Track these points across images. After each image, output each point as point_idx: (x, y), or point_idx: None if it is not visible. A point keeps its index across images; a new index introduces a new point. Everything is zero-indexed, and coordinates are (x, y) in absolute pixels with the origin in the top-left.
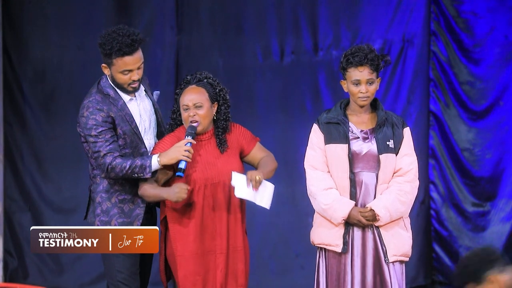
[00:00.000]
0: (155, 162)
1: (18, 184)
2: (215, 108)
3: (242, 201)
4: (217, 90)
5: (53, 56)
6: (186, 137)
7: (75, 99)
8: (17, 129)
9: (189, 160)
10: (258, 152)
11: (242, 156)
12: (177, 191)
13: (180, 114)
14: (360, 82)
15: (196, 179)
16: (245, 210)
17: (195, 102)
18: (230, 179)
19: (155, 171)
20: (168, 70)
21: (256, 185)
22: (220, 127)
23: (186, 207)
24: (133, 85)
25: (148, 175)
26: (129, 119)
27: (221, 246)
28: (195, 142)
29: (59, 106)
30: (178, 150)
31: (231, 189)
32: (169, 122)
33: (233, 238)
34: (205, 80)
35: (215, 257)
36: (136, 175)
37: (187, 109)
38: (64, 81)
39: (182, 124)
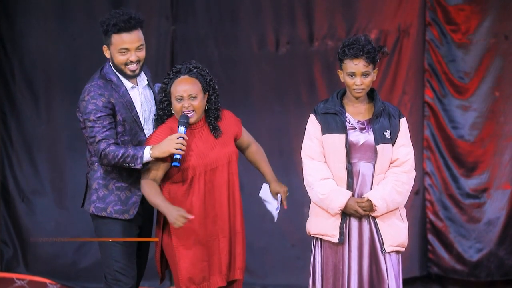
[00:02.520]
0: (147, 154)
1: (13, 174)
2: (206, 98)
3: (238, 183)
4: (208, 80)
5: (49, 46)
6: (179, 127)
7: (70, 89)
8: (11, 119)
9: (182, 153)
10: (245, 136)
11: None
12: (177, 217)
13: (168, 104)
14: (355, 74)
15: (196, 166)
16: (240, 192)
17: (190, 93)
18: (228, 162)
19: (147, 163)
20: (163, 60)
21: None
22: (212, 116)
23: (187, 195)
24: (131, 67)
25: (139, 166)
26: (130, 106)
27: (223, 230)
28: (187, 138)
29: (54, 96)
30: (170, 144)
31: (229, 172)
32: (156, 113)
33: (232, 221)
34: (195, 70)
35: (218, 241)
36: (127, 164)
37: (181, 99)
38: (59, 72)
39: (171, 114)
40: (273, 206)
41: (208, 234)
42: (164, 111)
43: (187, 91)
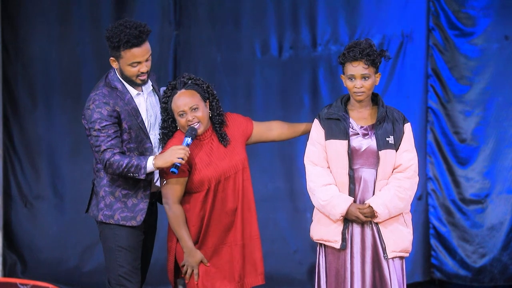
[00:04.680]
0: (150, 164)
1: (15, 179)
2: (208, 106)
3: (252, 189)
4: (205, 88)
5: (52, 52)
6: (186, 138)
7: (73, 95)
8: (14, 124)
9: (183, 162)
10: (259, 126)
11: (250, 141)
12: (190, 262)
13: (172, 121)
14: (355, 77)
15: (210, 178)
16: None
17: (191, 105)
18: (242, 169)
19: (151, 173)
20: (166, 65)
21: None
22: (217, 122)
23: (201, 206)
24: (142, 77)
25: (143, 176)
26: (135, 114)
27: (236, 238)
28: (189, 152)
29: (57, 101)
30: (173, 154)
31: (243, 179)
32: (161, 132)
33: (248, 228)
34: (190, 82)
35: (231, 249)
36: (131, 174)
37: (183, 114)
38: (62, 77)
39: (176, 130)
40: None
41: (222, 242)
42: (168, 129)
43: (187, 104)
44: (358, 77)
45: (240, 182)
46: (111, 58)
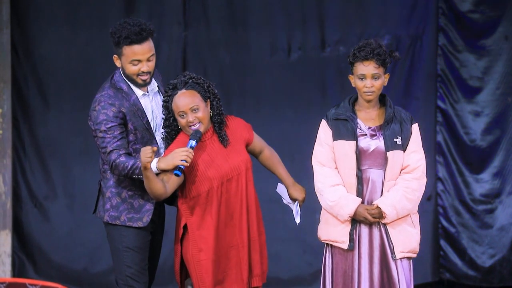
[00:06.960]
0: (153, 166)
1: (25, 180)
2: (209, 106)
3: (254, 190)
4: (206, 87)
5: (61, 52)
6: (190, 141)
7: (82, 95)
8: (24, 125)
9: (186, 164)
10: (257, 141)
11: (245, 147)
12: (179, 156)
13: (174, 120)
14: (365, 76)
15: (212, 179)
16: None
17: (191, 106)
18: (245, 170)
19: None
20: (175, 66)
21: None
22: (216, 122)
23: (205, 209)
24: (143, 77)
25: None
26: (141, 115)
27: (243, 240)
28: (193, 154)
29: (66, 102)
30: (176, 156)
31: (246, 180)
32: (163, 130)
33: (251, 230)
34: (190, 81)
35: (238, 251)
36: (136, 176)
37: (184, 115)
38: (71, 78)
39: (179, 129)
40: (292, 208)
41: (228, 244)
42: (171, 128)
43: (187, 105)
44: (369, 77)
45: (244, 183)
46: (114, 56)
